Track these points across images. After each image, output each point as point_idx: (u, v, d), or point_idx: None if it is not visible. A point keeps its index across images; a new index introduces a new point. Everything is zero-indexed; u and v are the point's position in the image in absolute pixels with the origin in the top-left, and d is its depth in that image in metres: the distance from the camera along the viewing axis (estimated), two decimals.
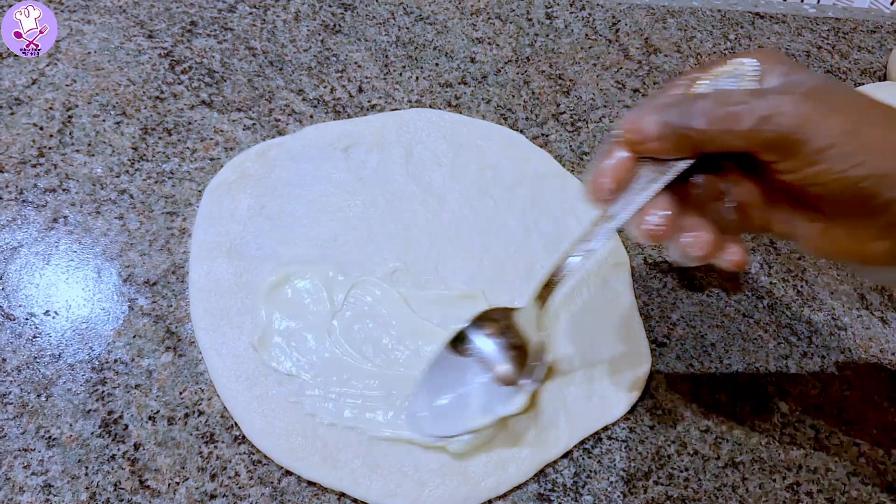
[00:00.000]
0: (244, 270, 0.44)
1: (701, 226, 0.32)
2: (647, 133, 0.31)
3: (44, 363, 0.40)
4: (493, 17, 0.61)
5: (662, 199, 0.32)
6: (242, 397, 0.40)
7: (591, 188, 0.33)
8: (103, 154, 0.48)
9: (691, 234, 0.32)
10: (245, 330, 0.42)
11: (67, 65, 0.52)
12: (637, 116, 0.31)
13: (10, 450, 0.38)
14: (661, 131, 0.31)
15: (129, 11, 0.55)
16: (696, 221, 0.32)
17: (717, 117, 0.29)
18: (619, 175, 0.32)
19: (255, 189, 0.47)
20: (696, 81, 0.32)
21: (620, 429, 0.42)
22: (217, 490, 0.38)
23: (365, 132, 0.51)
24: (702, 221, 0.32)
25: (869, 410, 0.44)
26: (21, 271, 0.43)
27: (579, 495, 0.40)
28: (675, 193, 0.32)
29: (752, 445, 0.42)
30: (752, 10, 0.65)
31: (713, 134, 0.30)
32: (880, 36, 0.65)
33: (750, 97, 0.29)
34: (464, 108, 0.54)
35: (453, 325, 0.41)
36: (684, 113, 0.30)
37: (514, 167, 0.51)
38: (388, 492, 0.38)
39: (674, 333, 0.46)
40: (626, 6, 0.63)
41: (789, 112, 0.28)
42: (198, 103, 0.51)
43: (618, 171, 0.32)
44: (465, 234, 0.47)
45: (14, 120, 0.49)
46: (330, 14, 0.58)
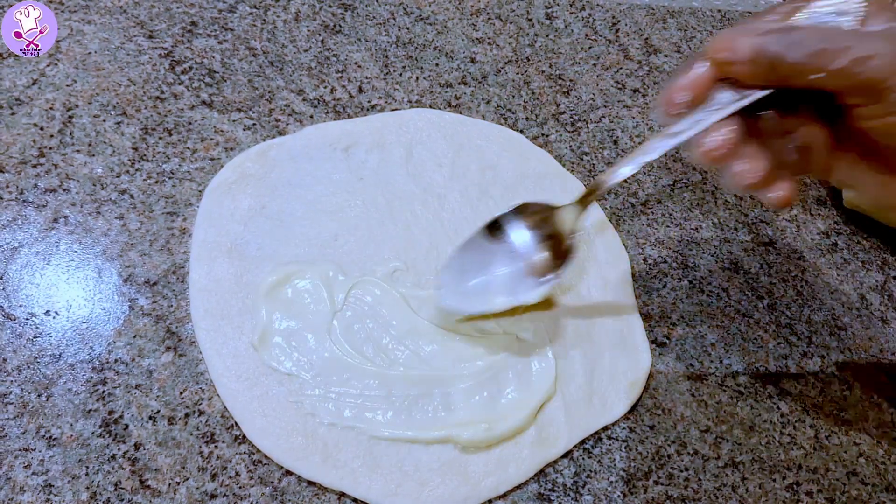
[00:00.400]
0: (244, 270, 0.44)
1: (759, 156, 0.32)
2: (739, 54, 0.31)
3: (44, 363, 0.40)
4: (493, 18, 0.61)
5: (728, 122, 0.32)
6: (243, 397, 0.40)
7: (663, 101, 0.33)
8: (104, 154, 0.48)
9: (747, 162, 0.32)
10: (245, 330, 0.42)
11: (68, 65, 0.52)
12: (731, 36, 0.31)
13: (10, 449, 0.38)
14: (753, 55, 0.30)
15: (130, 12, 0.55)
16: (755, 151, 0.32)
17: (813, 52, 0.29)
18: (696, 92, 0.32)
19: (255, 189, 0.47)
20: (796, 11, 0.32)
21: (620, 429, 0.42)
22: (217, 490, 0.38)
23: (365, 132, 0.51)
24: (761, 152, 0.32)
25: (869, 410, 0.44)
26: (22, 271, 0.43)
27: (579, 495, 0.40)
28: (742, 120, 0.32)
29: (752, 445, 0.42)
30: (752, 10, 0.65)
31: (805, 68, 0.29)
32: None
33: (850, 37, 0.29)
34: (464, 108, 0.54)
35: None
36: (781, 42, 0.30)
37: (514, 167, 0.51)
38: (388, 491, 0.38)
39: (674, 333, 0.46)
40: (626, 6, 0.63)
41: (888, 57, 0.28)
42: (198, 103, 0.51)
43: (695, 88, 0.32)
44: (465, 234, 0.47)
45: (14, 120, 0.49)
46: (330, 14, 0.58)
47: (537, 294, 0.41)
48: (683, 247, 0.50)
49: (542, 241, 0.41)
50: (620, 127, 0.55)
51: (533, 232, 0.41)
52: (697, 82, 0.32)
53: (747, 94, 0.32)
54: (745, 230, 0.51)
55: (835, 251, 0.51)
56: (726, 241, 0.50)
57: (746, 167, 0.32)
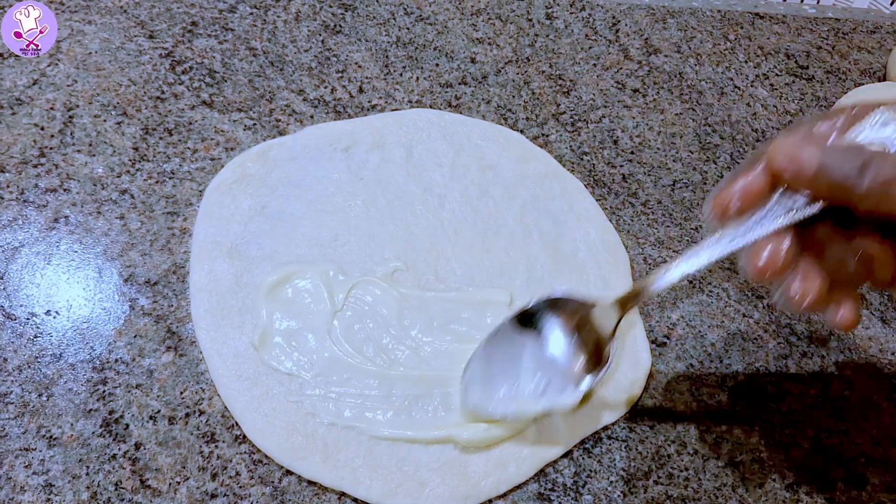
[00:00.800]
0: (245, 270, 0.44)
1: (814, 273, 0.30)
2: (804, 169, 0.29)
3: (45, 363, 0.40)
4: (494, 18, 0.61)
5: (782, 234, 0.30)
6: (243, 397, 0.40)
7: (714, 204, 0.31)
8: (104, 154, 0.48)
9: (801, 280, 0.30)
10: (245, 329, 0.42)
11: (68, 65, 0.52)
12: (796, 147, 0.29)
13: (11, 449, 0.38)
14: (819, 173, 0.29)
15: (130, 12, 0.55)
16: (810, 266, 0.30)
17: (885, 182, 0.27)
18: (750, 199, 0.31)
19: (255, 189, 0.47)
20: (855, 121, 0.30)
21: (620, 428, 0.42)
22: (218, 490, 0.38)
23: (365, 132, 0.51)
24: (816, 268, 0.30)
25: (869, 410, 0.44)
26: (22, 271, 0.43)
27: (579, 495, 0.40)
28: (797, 231, 0.30)
29: (752, 445, 0.42)
30: (751, 10, 0.65)
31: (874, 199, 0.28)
32: (880, 36, 0.65)
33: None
34: (464, 108, 0.55)
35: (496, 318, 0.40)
36: (851, 165, 0.28)
37: (514, 167, 0.51)
38: (388, 491, 0.38)
39: (674, 334, 0.46)
40: (626, 6, 0.63)
41: None
42: (198, 103, 0.52)
43: (750, 195, 0.30)
44: (465, 234, 0.47)
45: (15, 120, 0.49)
46: (330, 14, 0.58)
47: (572, 400, 0.38)
48: (683, 247, 0.50)
49: (577, 341, 0.38)
50: (620, 127, 0.55)
51: (567, 330, 0.39)
52: (753, 189, 0.30)
53: (808, 206, 0.30)
54: None
55: None
56: None
57: (799, 286, 0.30)
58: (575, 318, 0.39)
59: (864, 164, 0.28)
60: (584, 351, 0.38)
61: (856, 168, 0.28)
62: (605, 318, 0.38)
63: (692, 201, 0.52)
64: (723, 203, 0.31)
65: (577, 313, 0.39)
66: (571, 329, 0.39)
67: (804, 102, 0.59)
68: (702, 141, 0.56)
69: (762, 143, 0.56)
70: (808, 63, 0.62)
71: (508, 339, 0.39)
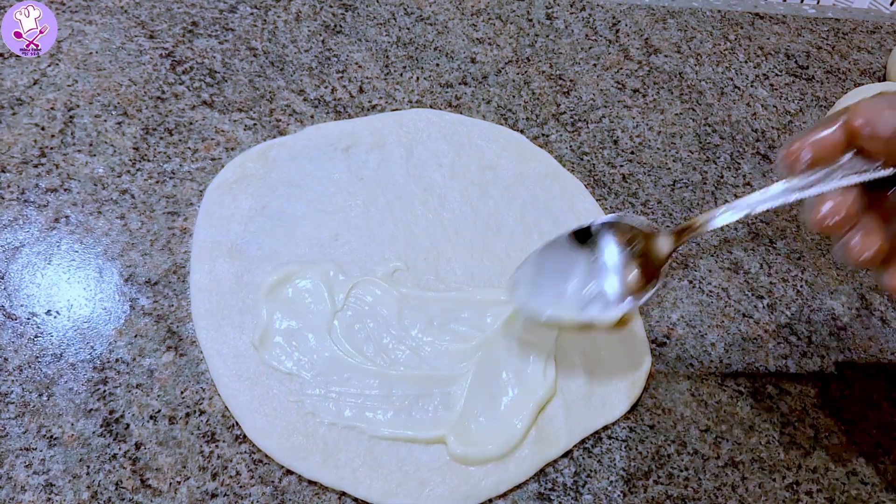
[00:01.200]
0: (245, 270, 0.44)
1: (877, 231, 0.30)
2: (881, 130, 0.29)
3: (45, 363, 0.40)
4: (494, 18, 0.61)
5: (849, 191, 0.30)
6: (243, 397, 0.40)
7: (787, 153, 0.31)
8: (105, 154, 0.48)
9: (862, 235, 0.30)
10: (246, 329, 0.42)
11: (69, 65, 0.52)
12: (877, 109, 0.29)
13: (11, 449, 0.38)
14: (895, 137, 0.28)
15: (131, 12, 0.55)
16: (874, 225, 0.30)
17: None
18: (824, 153, 0.30)
19: (255, 189, 0.47)
20: None
21: (620, 428, 0.42)
22: (218, 489, 0.38)
23: (365, 132, 0.51)
24: (879, 228, 0.30)
25: (869, 410, 0.44)
26: (23, 271, 0.43)
27: (579, 494, 0.40)
28: (865, 193, 0.30)
29: (752, 445, 0.42)
30: (751, 10, 0.65)
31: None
32: (880, 36, 0.65)
33: None
34: (464, 108, 0.55)
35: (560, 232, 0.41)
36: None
37: (514, 167, 0.51)
38: (388, 491, 0.38)
39: (674, 333, 0.46)
40: (626, 7, 0.63)
41: None
42: (199, 103, 0.52)
43: (823, 149, 0.30)
44: (465, 234, 0.47)
45: (16, 120, 0.49)
46: (331, 14, 0.58)
47: (615, 314, 0.39)
48: (684, 246, 0.50)
49: (630, 261, 0.39)
50: (620, 127, 0.55)
51: (623, 250, 0.40)
52: (827, 144, 0.30)
53: (879, 168, 0.30)
54: (745, 230, 0.51)
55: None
56: (726, 241, 0.50)
57: (861, 241, 0.30)
58: (630, 244, 0.40)
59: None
60: (634, 275, 0.39)
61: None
62: (660, 247, 0.38)
63: (692, 201, 0.52)
64: (795, 152, 0.31)
65: (634, 239, 0.40)
66: (626, 253, 0.40)
67: (804, 102, 0.59)
68: (702, 141, 0.56)
69: (762, 144, 0.56)
70: (808, 63, 0.62)
71: (563, 250, 0.40)
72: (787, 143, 0.32)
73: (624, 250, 0.40)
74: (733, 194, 0.53)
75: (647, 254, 0.39)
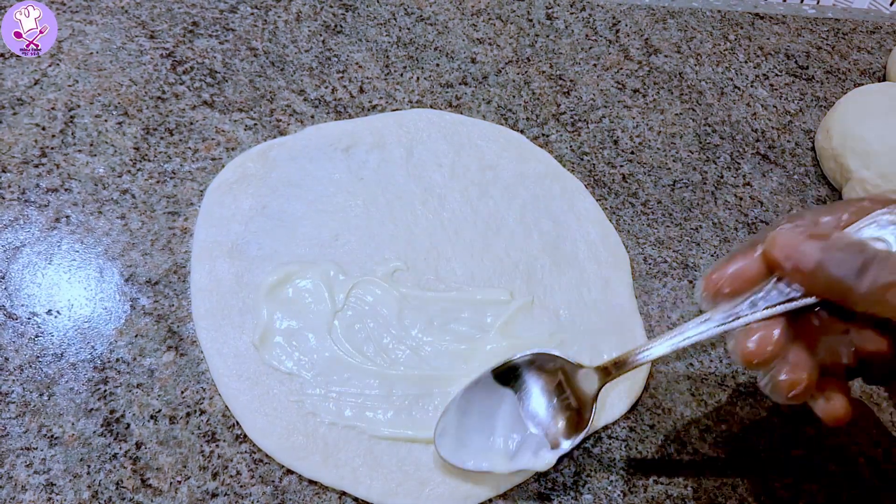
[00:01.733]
0: (245, 270, 0.44)
1: (804, 363, 0.29)
2: (801, 265, 0.28)
3: (46, 362, 0.40)
4: (494, 18, 0.61)
5: (773, 321, 0.29)
6: (244, 396, 0.40)
7: (706, 285, 0.31)
8: (105, 154, 0.48)
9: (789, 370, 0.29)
10: (246, 329, 0.42)
11: (69, 65, 0.52)
12: (796, 241, 0.29)
13: (12, 448, 0.38)
14: (817, 270, 0.28)
15: (131, 12, 0.56)
16: (801, 357, 0.29)
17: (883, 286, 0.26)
18: (743, 284, 0.30)
19: (256, 189, 0.47)
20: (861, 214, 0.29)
21: (620, 428, 0.42)
22: (218, 489, 0.38)
23: (366, 132, 0.51)
24: (806, 357, 0.29)
25: (869, 410, 0.44)
26: (23, 271, 0.43)
27: (579, 494, 0.40)
28: (788, 319, 0.30)
29: (752, 445, 0.42)
30: (751, 10, 0.65)
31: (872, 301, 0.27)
32: (880, 36, 0.65)
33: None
34: (464, 108, 0.55)
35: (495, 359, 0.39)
36: (850, 265, 0.27)
37: (514, 167, 0.51)
38: (388, 491, 0.38)
39: None
40: (626, 7, 0.63)
41: None
42: (199, 104, 0.52)
43: (742, 280, 0.30)
44: (465, 234, 0.47)
45: (16, 120, 0.49)
46: (331, 15, 0.58)
47: (544, 462, 0.37)
48: (683, 247, 0.50)
49: (557, 402, 0.38)
50: (621, 127, 0.55)
51: (548, 390, 0.38)
52: (747, 276, 0.30)
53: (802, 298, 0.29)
54: (745, 230, 0.51)
55: None
56: (726, 241, 0.51)
57: (791, 377, 0.29)
58: (556, 378, 0.39)
59: (863, 266, 0.27)
60: (563, 413, 0.38)
61: (854, 269, 0.27)
62: (588, 382, 0.37)
63: (692, 201, 0.52)
64: (715, 285, 0.31)
65: (560, 373, 0.39)
66: (552, 389, 0.39)
67: (804, 103, 0.59)
68: (702, 141, 0.56)
69: (762, 144, 0.56)
70: (808, 63, 0.62)
71: (487, 392, 0.39)
72: (706, 273, 0.31)
73: (549, 388, 0.38)
74: (733, 194, 0.53)
75: (573, 387, 0.38)
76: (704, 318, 0.32)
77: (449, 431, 0.38)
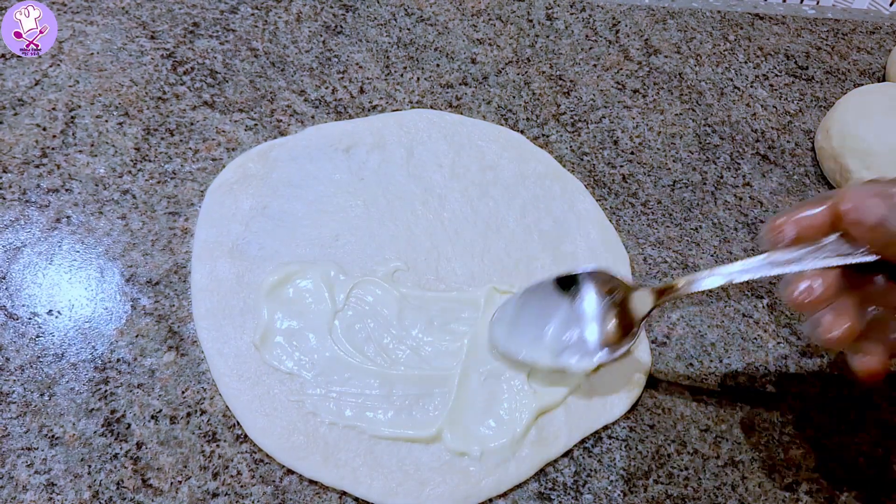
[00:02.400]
0: (246, 270, 0.44)
1: (848, 313, 0.30)
2: (866, 218, 0.29)
3: (47, 362, 0.40)
4: (494, 19, 0.61)
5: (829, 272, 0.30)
6: (244, 396, 0.40)
7: (772, 227, 0.32)
8: (106, 154, 0.48)
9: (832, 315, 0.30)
10: (247, 329, 0.42)
11: (70, 66, 0.52)
12: (863, 195, 0.29)
13: (13, 448, 0.38)
14: (879, 225, 0.29)
15: (132, 13, 0.56)
16: (846, 306, 0.30)
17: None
18: (807, 232, 0.31)
19: (256, 189, 0.48)
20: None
21: (620, 428, 0.42)
22: (219, 489, 0.38)
23: (366, 133, 0.51)
24: (852, 310, 0.30)
25: (868, 410, 0.44)
26: (24, 271, 0.43)
27: (580, 494, 0.40)
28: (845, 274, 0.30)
29: (752, 445, 0.42)
30: (751, 11, 0.65)
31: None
32: (879, 37, 0.65)
33: None
34: (464, 108, 0.55)
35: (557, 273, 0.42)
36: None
37: (514, 167, 0.51)
38: (389, 490, 0.38)
39: (674, 333, 0.46)
40: (626, 7, 0.63)
41: None
42: (200, 104, 0.52)
43: (808, 228, 0.31)
44: (465, 234, 0.48)
45: (17, 120, 0.49)
46: (331, 15, 0.58)
47: (587, 366, 0.40)
48: (683, 247, 0.50)
49: (609, 312, 0.40)
50: (621, 127, 0.55)
51: (603, 299, 0.41)
52: (812, 223, 0.31)
53: (862, 254, 0.30)
54: (745, 230, 0.51)
55: None
56: (726, 242, 0.51)
57: (831, 321, 0.30)
58: (612, 295, 0.41)
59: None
60: (612, 326, 0.40)
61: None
62: (640, 303, 0.39)
63: (692, 201, 0.52)
64: (778, 227, 0.31)
65: (616, 292, 0.40)
66: (605, 304, 0.41)
67: (804, 103, 0.59)
68: (702, 141, 0.56)
69: (761, 144, 0.56)
70: (808, 64, 0.62)
71: (546, 295, 0.41)
72: (773, 217, 0.32)
73: (604, 300, 0.41)
74: (733, 194, 0.53)
75: (625, 307, 0.40)
76: (762, 259, 0.33)
77: (504, 322, 0.42)
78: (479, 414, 0.40)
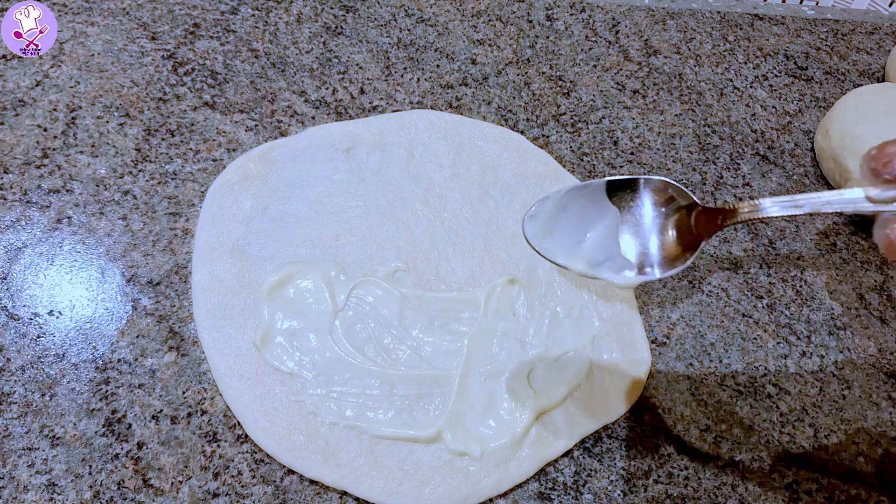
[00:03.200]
0: (247, 270, 0.44)
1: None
2: None
3: (48, 363, 0.40)
4: (494, 19, 0.61)
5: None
6: (245, 396, 0.40)
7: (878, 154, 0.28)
8: (107, 155, 0.48)
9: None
10: (247, 329, 0.42)
11: (71, 67, 0.52)
12: None
13: (14, 449, 0.38)
14: None
15: (133, 14, 0.56)
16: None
17: None
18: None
19: (257, 190, 0.48)
20: None
21: (620, 428, 0.42)
22: (220, 489, 0.38)
23: (366, 133, 0.51)
24: None
25: (868, 410, 0.44)
26: (25, 271, 0.43)
27: (580, 494, 0.40)
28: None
29: (752, 445, 0.42)
30: (751, 11, 0.65)
31: None
32: (879, 37, 0.65)
33: None
34: (465, 109, 0.55)
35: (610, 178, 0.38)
36: None
37: (514, 168, 0.51)
38: (389, 490, 0.38)
39: (674, 333, 0.46)
40: (626, 8, 0.63)
41: None
42: (200, 105, 0.52)
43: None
44: (465, 235, 0.48)
45: (18, 121, 0.49)
46: (332, 16, 0.59)
47: (626, 280, 0.36)
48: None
49: (657, 233, 0.36)
50: (620, 128, 0.55)
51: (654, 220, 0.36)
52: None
53: None
54: (745, 230, 0.51)
55: (833, 251, 0.51)
56: (726, 241, 0.51)
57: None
58: (666, 211, 0.36)
59: None
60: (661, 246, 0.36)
61: None
62: (700, 223, 0.35)
63: None
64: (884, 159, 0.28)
65: (674, 206, 0.36)
66: (658, 220, 0.36)
67: (803, 103, 0.59)
68: (701, 141, 0.56)
69: (761, 144, 0.56)
70: (808, 64, 0.62)
71: (592, 200, 0.37)
72: (880, 145, 0.29)
73: (654, 219, 0.36)
74: (733, 194, 0.53)
75: (679, 228, 0.35)
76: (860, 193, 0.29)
77: (540, 219, 0.37)
78: (479, 414, 0.40)
